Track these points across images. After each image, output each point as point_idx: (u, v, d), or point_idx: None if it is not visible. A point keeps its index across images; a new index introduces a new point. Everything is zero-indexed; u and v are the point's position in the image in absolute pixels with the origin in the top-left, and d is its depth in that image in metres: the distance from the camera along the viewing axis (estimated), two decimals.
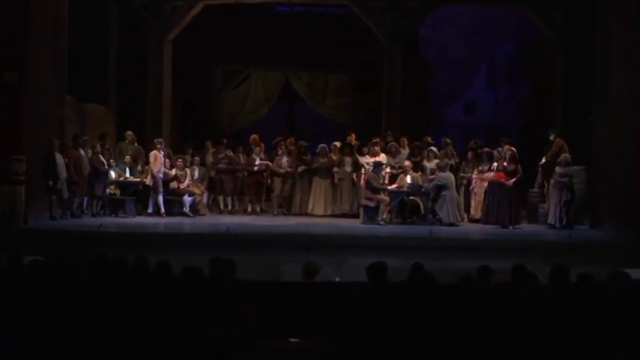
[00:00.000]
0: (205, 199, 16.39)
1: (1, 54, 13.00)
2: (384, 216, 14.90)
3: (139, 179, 15.77)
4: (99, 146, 15.24)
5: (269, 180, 16.59)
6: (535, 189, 15.81)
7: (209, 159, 16.78)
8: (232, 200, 16.73)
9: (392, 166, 15.76)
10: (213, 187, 16.74)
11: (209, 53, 20.52)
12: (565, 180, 14.47)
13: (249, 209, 16.53)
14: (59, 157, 14.05)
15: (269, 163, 16.44)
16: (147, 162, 15.82)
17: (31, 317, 5.89)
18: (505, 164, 14.62)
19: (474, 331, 5.92)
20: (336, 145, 16.58)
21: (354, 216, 15.77)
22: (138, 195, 15.75)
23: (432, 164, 15.54)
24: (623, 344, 5.85)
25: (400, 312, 6.02)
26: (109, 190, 15.42)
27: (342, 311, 6.25)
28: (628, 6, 14.02)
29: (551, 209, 14.61)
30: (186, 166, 16.01)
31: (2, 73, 13.03)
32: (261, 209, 16.63)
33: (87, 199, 15.04)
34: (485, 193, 14.95)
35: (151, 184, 15.38)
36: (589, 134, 15.23)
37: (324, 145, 16.45)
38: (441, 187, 14.75)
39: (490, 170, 15.03)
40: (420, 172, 15.48)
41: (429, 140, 16.87)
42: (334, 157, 16.34)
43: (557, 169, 14.61)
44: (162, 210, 15.40)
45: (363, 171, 15.74)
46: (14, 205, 13.07)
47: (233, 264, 6.79)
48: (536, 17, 17.94)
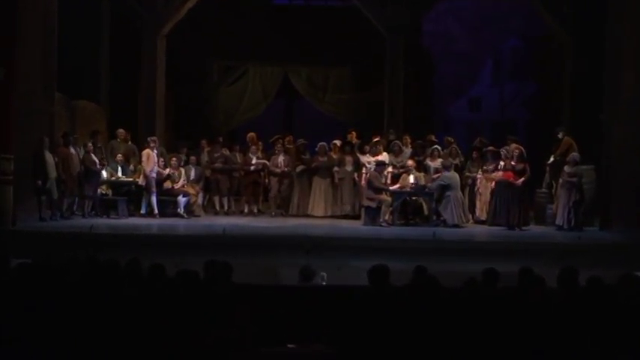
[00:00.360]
0: (200, 200, 16.38)
1: None
2: (386, 217, 14.89)
3: (131, 179, 15.77)
4: (91, 145, 15.23)
5: (266, 180, 16.59)
6: (543, 189, 15.81)
7: (204, 158, 16.77)
8: (228, 201, 16.72)
9: (394, 166, 15.76)
10: (208, 187, 16.73)
11: (204, 48, 20.52)
12: (574, 180, 14.47)
13: (246, 210, 16.52)
14: (49, 156, 14.05)
15: (266, 163, 16.45)
16: (140, 161, 15.81)
17: (19, 322, 5.88)
18: (513, 163, 14.61)
19: (479, 337, 5.92)
20: (336, 143, 16.57)
21: (355, 217, 15.77)
22: (130, 195, 15.74)
23: (435, 163, 15.54)
24: (634, 350, 5.85)
25: (403, 317, 6.02)
26: (100, 190, 15.42)
27: (343, 316, 6.24)
28: None
29: (559, 210, 14.61)
30: (180, 165, 16.01)
31: None
32: (259, 210, 16.63)
33: (77, 200, 15.03)
34: (492, 193, 14.94)
35: (143, 184, 15.38)
36: (598, 132, 15.22)
37: (323, 143, 16.44)
38: (445, 187, 14.75)
39: (496, 170, 15.02)
40: (423, 172, 15.47)
41: (433, 138, 16.87)
42: (334, 156, 16.33)
43: (566, 169, 14.61)
44: (156, 211, 15.39)
45: (364, 170, 15.74)
46: (2, 205, 13.07)
47: (229, 267, 6.78)
48: (544, 11, 17.93)
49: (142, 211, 15.52)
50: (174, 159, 15.90)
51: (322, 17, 20.56)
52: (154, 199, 15.40)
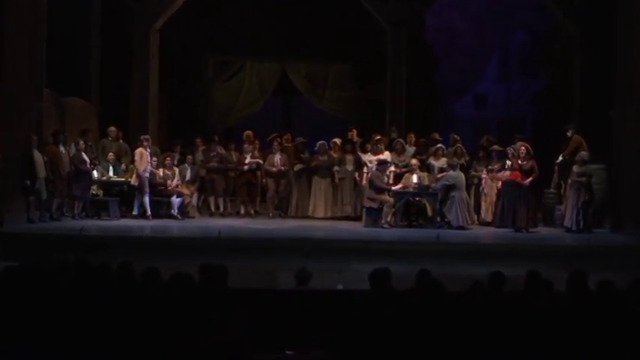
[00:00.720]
0: (195, 201, 16.37)
1: None
2: (389, 218, 14.89)
3: (123, 179, 15.76)
4: (82, 143, 15.19)
5: (264, 180, 16.58)
6: (551, 189, 15.81)
7: (199, 157, 16.75)
8: (224, 202, 16.70)
9: (397, 165, 15.75)
10: (203, 187, 16.71)
11: (199, 43, 20.51)
12: (583, 180, 14.47)
13: (242, 211, 16.52)
14: (37, 155, 14.03)
15: (259, 161, 16.41)
16: (132, 160, 15.81)
17: (5, 328, 5.88)
18: (520, 162, 14.60)
19: (485, 344, 5.92)
20: (336, 142, 16.57)
21: (356, 218, 15.77)
22: (122, 196, 15.74)
23: (439, 162, 15.53)
24: None
25: (405, 322, 6.02)
26: (91, 190, 15.40)
27: (343, 321, 6.24)
28: None
29: (568, 211, 14.61)
30: (174, 164, 16.01)
31: None
32: (255, 211, 16.62)
33: (67, 201, 15.02)
34: (498, 194, 14.94)
35: (136, 184, 15.37)
36: (609, 130, 15.23)
37: (323, 142, 16.44)
38: (450, 188, 14.74)
39: (502, 169, 15.02)
40: (426, 172, 15.46)
41: (437, 137, 16.86)
42: (334, 155, 16.33)
43: (575, 168, 14.61)
44: (149, 212, 15.39)
45: (365, 170, 15.73)
46: None
47: (225, 270, 6.78)
48: (552, 3, 17.93)
49: (135, 212, 15.51)
50: (168, 158, 15.89)
51: (322, 11, 20.53)
52: (147, 200, 15.40)
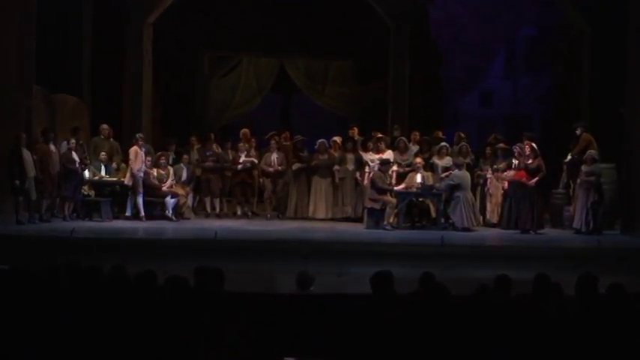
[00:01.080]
0: (190, 201, 16.36)
1: None
2: (391, 220, 14.90)
3: (115, 179, 15.75)
4: (73, 141, 15.17)
5: (261, 180, 16.57)
6: (559, 189, 15.81)
7: (194, 156, 16.74)
8: (220, 202, 16.69)
9: (399, 164, 15.74)
10: (199, 187, 16.69)
11: (194, 37, 20.49)
12: (592, 179, 14.47)
13: (239, 212, 16.51)
14: (27, 154, 14.03)
15: (254, 160, 16.39)
16: (125, 159, 15.80)
17: None
18: (527, 162, 14.60)
19: (491, 350, 5.91)
20: (336, 140, 16.56)
21: (357, 220, 15.76)
22: (115, 196, 15.74)
23: (443, 161, 15.52)
24: None
25: (408, 327, 6.01)
26: (82, 190, 15.38)
27: (343, 327, 6.24)
28: None
29: (577, 212, 14.61)
30: (168, 164, 16.00)
31: None
32: (253, 212, 16.61)
33: (58, 201, 15.02)
34: (504, 194, 14.94)
35: (130, 184, 15.35)
36: (619, 128, 15.22)
37: (323, 140, 16.42)
38: (455, 188, 14.73)
39: (508, 169, 15.02)
40: (430, 171, 15.44)
41: (440, 135, 16.87)
42: (335, 153, 16.32)
43: (584, 168, 14.61)
44: (142, 213, 15.39)
45: (367, 169, 15.73)
46: None
47: (221, 274, 6.78)
48: None
49: (128, 213, 15.51)
50: (162, 158, 15.87)
51: (322, 4, 20.52)
52: (141, 201, 15.39)
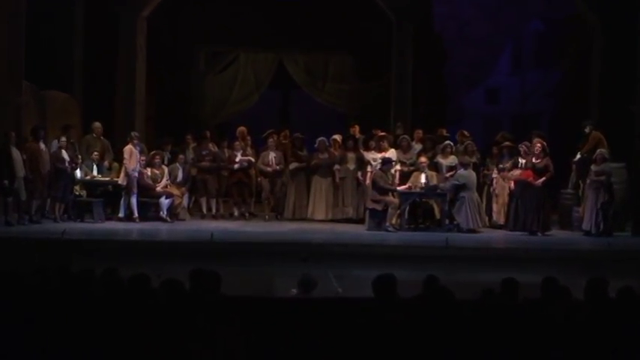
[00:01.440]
0: (186, 202, 16.36)
1: None
2: (393, 221, 14.89)
3: (108, 178, 15.74)
4: (64, 140, 15.15)
5: (258, 179, 16.56)
6: (568, 190, 15.80)
7: (189, 155, 16.73)
8: (217, 203, 16.66)
9: (403, 163, 15.73)
10: (195, 187, 16.66)
11: (190, 32, 20.50)
12: (602, 179, 14.47)
13: (236, 213, 16.50)
14: (16, 153, 14.03)
15: (251, 159, 16.38)
16: (117, 158, 15.79)
17: None
18: (534, 160, 14.60)
19: (497, 356, 5.91)
20: (336, 138, 16.55)
21: (359, 221, 15.76)
22: (107, 197, 15.73)
23: (448, 161, 15.52)
24: None
25: (411, 333, 6.01)
26: (75, 191, 15.37)
27: (344, 332, 6.24)
28: None
29: (586, 213, 14.61)
30: (163, 163, 15.99)
31: None
32: (250, 213, 16.60)
33: (48, 202, 15.01)
34: (510, 195, 14.94)
35: (124, 183, 15.33)
36: (631, 126, 15.22)
37: (323, 138, 16.41)
38: (460, 188, 14.72)
39: (514, 168, 15.01)
40: (434, 170, 15.42)
41: (444, 133, 16.85)
42: (335, 152, 16.31)
43: (594, 167, 14.60)
44: (136, 214, 15.38)
45: (369, 169, 15.72)
46: None
47: (218, 277, 6.78)
48: None
49: (121, 214, 15.50)
50: (157, 157, 15.86)
51: None
52: (134, 201, 15.38)
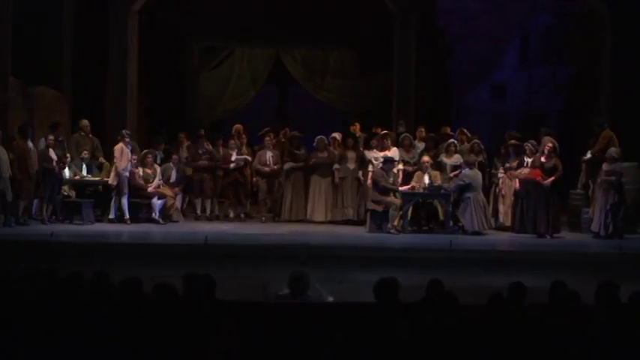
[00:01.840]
0: (179, 203, 16.34)
1: None
2: (395, 223, 14.88)
3: (98, 178, 15.73)
4: (51, 138, 15.14)
5: (254, 179, 16.55)
6: (578, 190, 15.79)
7: (183, 154, 16.72)
8: (212, 204, 16.63)
9: (406, 162, 15.71)
10: (190, 188, 16.64)
11: (183, 26, 20.50)
12: (613, 179, 14.46)
13: (232, 215, 16.49)
14: (2, 152, 14.04)
15: (247, 158, 16.36)
16: (107, 157, 15.78)
17: None
18: (543, 160, 14.58)
19: None
20: (336, 137, 16.54)
21: (359, 222, 15.75)
22: (97, 197, 15.72)
23: (452, 160, 15.51)
24: None
25: (414, 339, 6.00)
26: (63, 191, 15.37)
27: (344, 338, 6.23)
28: None
29: (596, 214, 14.60)
30: (156, 162, 15.98)
31: None
32: (246, 214, 16.60)
33: (36, 203, 15.00)
34: (516, 195, 14.93)
35: (114, 184, 15.30)
36: None
37: (322, 136, 16.40)
38: (465, 188, 14.70)
39: (521, 166, 14.99)
40: (438, 170, 15.41)
41: (448, 131, 16.85)
42: (335, 151, 16.30)
43: (604, 167, 14.60)
44: (127, 215, 15.37)
45: (370, 168, 15.70)
46: None
47: (212, 281, 6.78)
48: None
49: (111, 215, 15.48)
50: (148, 156, 15.85)
51: None
52: (125, 202, 15.36)
